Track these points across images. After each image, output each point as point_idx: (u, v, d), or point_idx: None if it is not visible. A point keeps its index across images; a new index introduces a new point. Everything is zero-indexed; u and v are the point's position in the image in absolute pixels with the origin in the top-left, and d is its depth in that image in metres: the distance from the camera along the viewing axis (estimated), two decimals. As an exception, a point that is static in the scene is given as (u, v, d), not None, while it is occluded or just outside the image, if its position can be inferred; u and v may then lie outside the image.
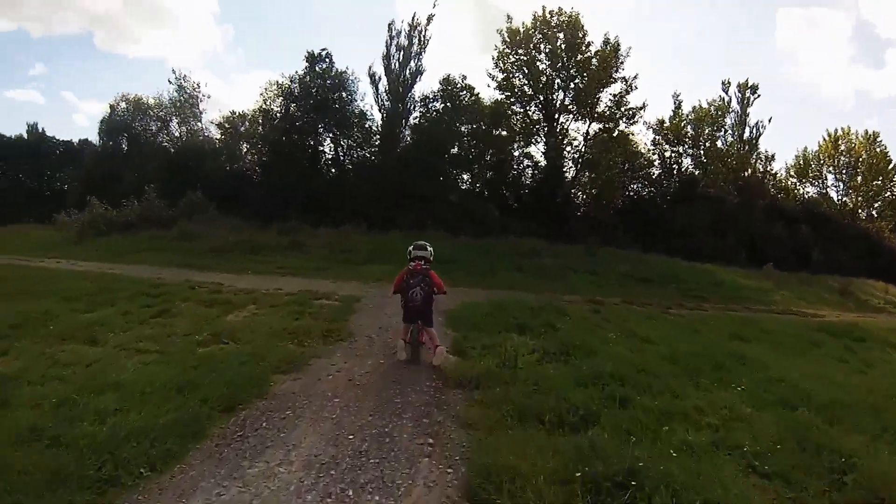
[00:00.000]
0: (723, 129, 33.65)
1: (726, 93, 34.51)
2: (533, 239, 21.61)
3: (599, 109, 29.76)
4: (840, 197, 37.58)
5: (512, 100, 30.18)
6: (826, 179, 37.96)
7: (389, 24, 29.72)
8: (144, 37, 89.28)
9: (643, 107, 30.17)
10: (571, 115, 29.99)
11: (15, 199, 35.81)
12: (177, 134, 32.52)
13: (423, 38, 29.66)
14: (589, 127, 30.08)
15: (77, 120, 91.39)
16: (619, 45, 29.50)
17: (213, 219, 22.34)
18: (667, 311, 12.81)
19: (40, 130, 41.95)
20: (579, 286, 15.27)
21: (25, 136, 41.49)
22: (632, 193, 31.92)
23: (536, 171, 30.35)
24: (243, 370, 5.83)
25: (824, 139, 37.95)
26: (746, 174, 33.66)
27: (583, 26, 29.42)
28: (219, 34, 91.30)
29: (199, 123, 32.30)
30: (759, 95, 34.65)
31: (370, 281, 13.57)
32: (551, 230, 24.48)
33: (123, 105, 32.55)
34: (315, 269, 15.39)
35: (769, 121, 35.00)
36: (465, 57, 69.93)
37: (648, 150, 32.87)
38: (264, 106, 29.40)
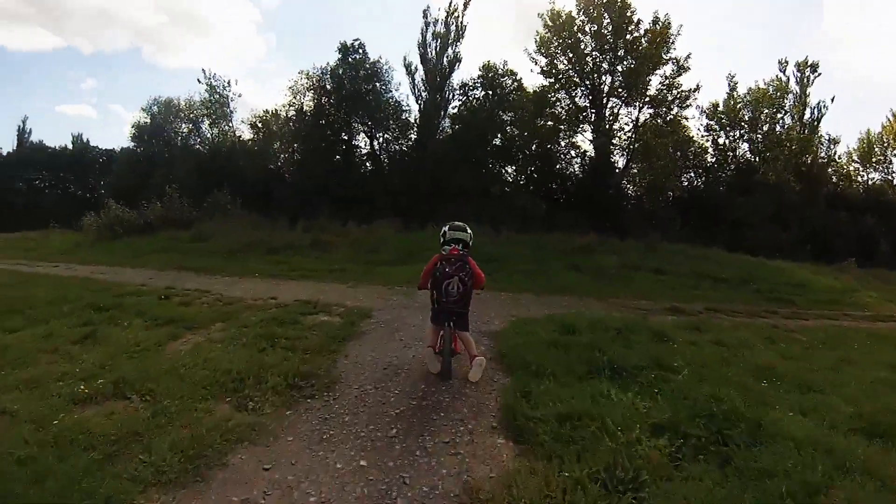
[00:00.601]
0: (782, 112, 30.58)
1: (783, 73, 31.75)
2: (586, 233, 19.25)
3: (650, 93, 27.07)
4: (909, 183, 33.66)
5: (557, 86, 27.70)
6: (892, 164, 34.03)
7: (425, 11, 27.91)
8: (189, 46, 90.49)
9: (697, 88, 27.38)
10: (620, 101, 27.30)
11: (62, 206, 36.54)
12: (208, 135, 31.05)
13: (460, 25, 27.69)
14: (640, 112, 27.40)
15: (126, 132, 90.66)
16: (669, 23, 26.80)
17: (236, 218, 21.04)
18: (770, 324, 10.33)
19: (85, 141, 44.70)
20: (648, 289, 13.09)
21: (70, 146, 44.15)
22: (685, 183, 29.15)
23: (585, 162, 27.93)
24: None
25: (889, 120, 34.28)
26: (808, 160, 30.61)
27: (630, 4, 26.70)
28: (261, 42, 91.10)
29: (229, 123, 30.67)
30: (819, 74, 31.89)
31: (394, 285, 11.59)
32: (603, 224, 22.27)
33: (155, 109, 31.34)
34: (332, 271, 13.55)
35: (832, 100, 31.56)
36: (503, 46, 67.47)
37: (701, 136, 30.18)
38: (294, 100, 27.60)
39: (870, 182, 33.86)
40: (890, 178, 33.81)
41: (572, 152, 28.23)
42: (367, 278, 12.46)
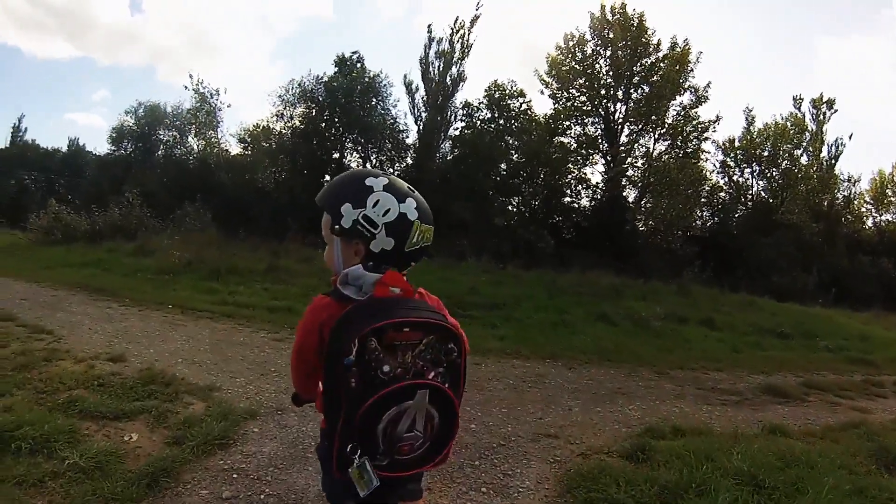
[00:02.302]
0: (800, 149, 27.56)
1: (798, 109, 28.79)
2: (606, 273, 15.88)
3: (667, 123, 23.74)
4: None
5: (567, 112, 24.52)
6: (905, 206, 31.50)
7: (429, 26, 25.02)
8: (203, 71, 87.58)
9: (717, 120, 24.34)
10: (635, 131, 23.88)
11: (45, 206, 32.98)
12: (193, 145, 27.44)
13: (466, 43, 24.45)
14: (655, 143, 24.04)
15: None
16: (689, 48, 23.68)
17: (196, 234, 17.44)
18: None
19: (81, 146, 42.47)
20: (708, 350, 9.84)
21: (65, 149, 42.37)
22: (702, 221, 25.78)
23: (596, 194, 24.50)
24: None
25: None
26: (826, 200, 27.73)
27: (647, 27, 23.65)
28: (274, 69, 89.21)
29: (216, 134, 27.04)
30: (835, 111, 28.89)
31: None
32: (618, 263, 18.64)
33: (141, 112, 27.75)
34: (272, 310, 9.75)
35: (850, 138, 28.53)
36: (510, 69, 64.90)
37: (716, 172, 27.32)
38: (283, 111, 24.05)
39: (882, 224, 30.86)
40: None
41: (582, 184, 25.04)
42: None
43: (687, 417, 5.67)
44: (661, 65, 23.43)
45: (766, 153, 26.81)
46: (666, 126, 23.77)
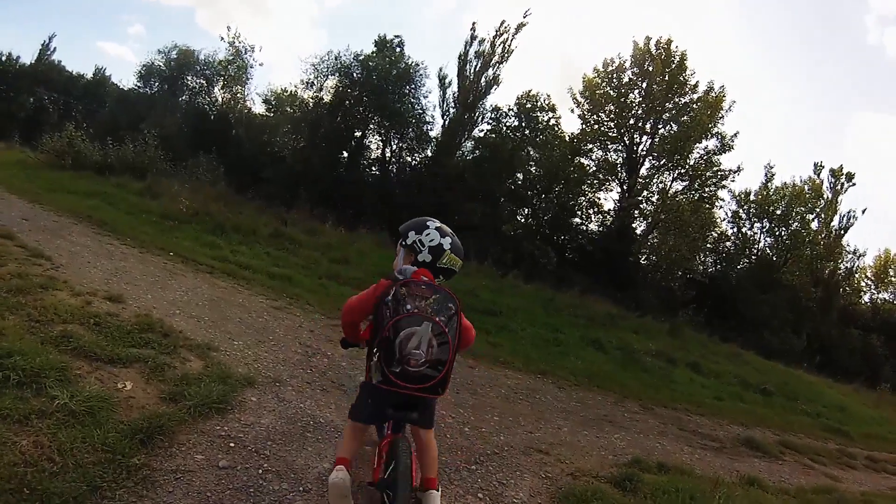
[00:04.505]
0: (813, 214, 27.40)
1: (818, 175, 28.65)
2: (603, 300, 15.88)
3: (688, 165, 23.59)
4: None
5: (592, 135, 24.30)
6: (904, 290, 31.48)
7: (473, 24, 24.60)
8: (243, 25, 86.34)
9: (738, 170, 24.17)
10: (655, 166, 23.81)
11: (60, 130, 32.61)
12: (218, 97, 27.05)
13: (507, 47, 24.10)
14: (673, 182, 23.89)
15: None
16: (724, 96, 23.52)
17: (206, 185, 17.31)
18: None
19: (107, 76, 41.12)
20: (692, 395, 9.79)
21: (90, 76, 41.16)
22: (703, 266, 25.69)
23: (606, 221, 24.23)
24: None
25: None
26: (829, 268, 27.61)
27: (687, 66, 23.48)
28: (312, 37, 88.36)
29: (242, 90, 26.71)
30: (853, 184, 28.78)
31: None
32: (614, 292, 18.50)
33: (173, 55, 27.37)
34: (273, 277, 9.61)
35: (863, 212, 28.41)
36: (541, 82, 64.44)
37: (727, 220, 27.11)
38: (314, 81, 23.72)
39: (879, 301, 30.85)
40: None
41: (593, 208, 24.78)
42: (311, 299, 8.68)
43: (670, 455, 5.70)
44: (694, 106, 23.25)
45: (778, 211, 26.67)
46: (687, 167, 23.60)
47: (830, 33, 78.20)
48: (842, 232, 28.46)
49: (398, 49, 23.96)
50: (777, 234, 26.92)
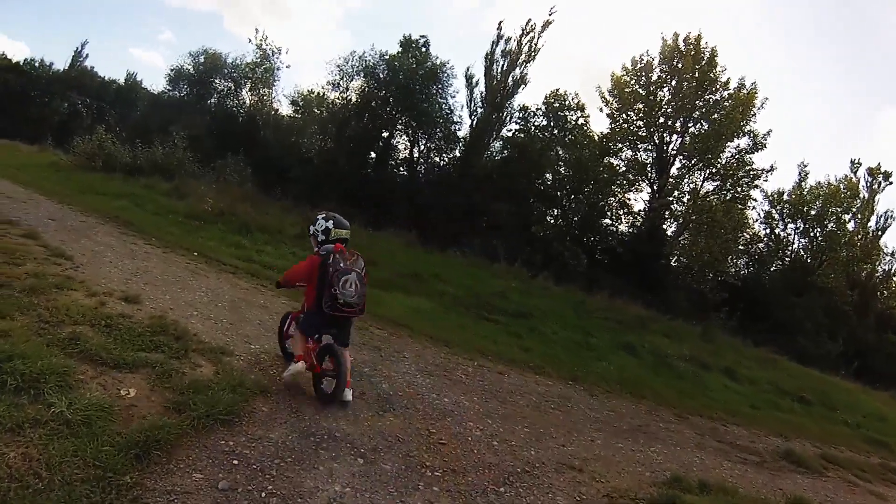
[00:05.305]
0: (849, 214, 26.37)
1: (854, 173, 27.64)
2: (634, 303, 15.67)
3: (720, 164, 22.79)
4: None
5: (621, 135, 23.73)
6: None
7: (500, 23, 24.23)
8: (269, 27, 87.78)
9: (771, 170, 23.25)
10: (686, 166, 23.09)
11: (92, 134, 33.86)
12: (246, 99, 27.13)
13: (534, 46, 23.70)
14: (704, 181, 23.11)
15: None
16: (755, 92, 22.68)
17: (234, 187, 17.36)
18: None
19: (138, 81, 42.81)
20: (728, 402, 9.30)
21: (122, 81, 42.79)
22: (735, 269, 24.92)
23: (635, 222, 23.69)
24: None
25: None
26: (865, 270, 26.63)
27: (717, 62, 22.74)
28: (336, 38, 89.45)
29: (270, 92, 26.74)
30: (891, 183, 27.86)
31: (369, 324, 7.36)
32: (645, 295, 18.02)
33: (202, 59, 27.51)
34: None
35: (902, 213, 27.17)
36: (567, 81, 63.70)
37: (759, 221, 26.27)
38: (340, 82, 23.60)
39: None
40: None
41: (623, 209, 24.13)
42: None
43: (709, 471, 5.35)
44: (726, 104, 22.52)
45: (813, 212, 25.68)
46: (718, 166, 22.85)
47: (862, 27, 76.20)
48: (879, 233, 27.54)
49: (424, 49, 23.81)
50: (812, 235, 25.92)
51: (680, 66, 22.87)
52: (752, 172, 23.14)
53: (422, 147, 24.58)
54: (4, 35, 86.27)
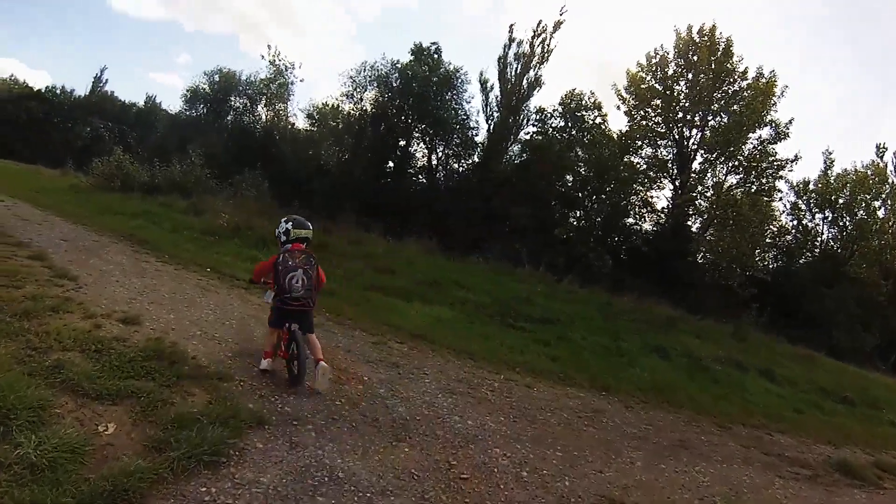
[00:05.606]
0: (879, 201, 25.06)
1: (881, 158, 26.26)
2: (662, 303, 15.05)
3: (742, 157, 21.92)
4: None
5: (640, 132, 22.98)
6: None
7: (511, 26, 23.90)
8: (283, 46, 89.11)
9: (795, 159, 22.26)
10: (708, 160, 22.24)
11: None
12: (262, 115, 27.10)
13: (546, 48, 23.21)
14: (727, 175, 22.25)
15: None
16: (775, 80, 21.80)
17: (252, 201, 17.25)
18: None
19: (157, 103, 44.05)
20: (769, 406, 8.54)
21: (142, 104, 44.11)
22: (763, 263, 23.91)
23: (659, 220, 22.94)
24: None
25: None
26: (896, 258, 25.18)
27: (733, 52, 21.96)
28: (350, 52, 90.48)
29: (285, 106, 26.67)
30: (920, 166, 26.08)
31: (387, 337, 7.00)
32: (673, 294, 17.34)
33: (217, 78, 27.51)
34: None
35: (932, 196, 25.80)
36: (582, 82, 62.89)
37: (786, 212, 25.36)
38: (353, 93, 23.32)
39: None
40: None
41: (646, 207, 23.41)
42: (352, 313, 7.88)
43: (761, 492, 4.82)
44: (745, 94, 21.73)
45: (841, 200, 24.70)
46: (741, 159, 22.02)
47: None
48: (910, 219, 26.08)
49: (436, 56, 23.41)
50: (841, 224, 24.95)
51: (695, 58, 22.21)
52: (775, 163, 22.25)
53: (440, 154, 24.29)
54: (25, 64, 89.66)
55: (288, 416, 3.88)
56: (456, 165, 24.33)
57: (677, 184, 22.68)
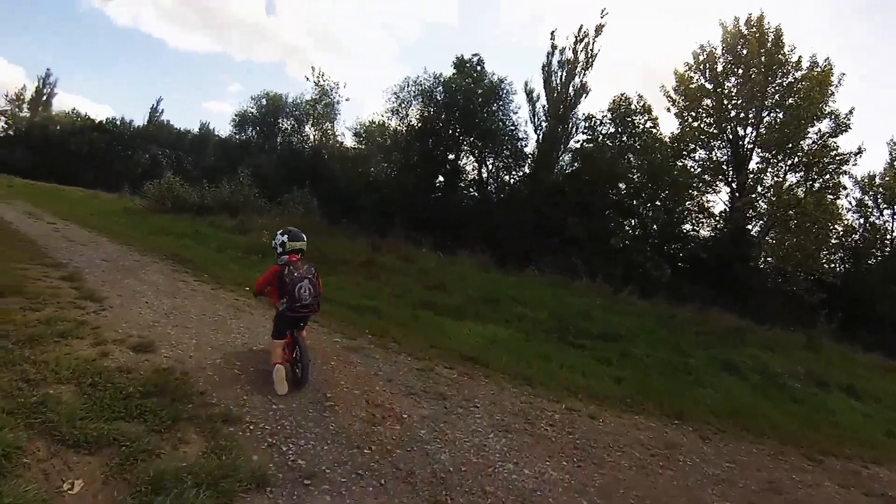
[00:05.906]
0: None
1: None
2: (726, 313, 13.95)
3: (802, 153, 20.30)
4: None
5: (692, 134, 21.74)
6: None
7: (552, 33, 23.11)
8: (328, 68, 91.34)
9: (859, 152, 20.37)
10: (766, 159, 20.77)
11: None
12: (309, 135, 27.22)
13: (590, 53, 22.37)
14: (786, 174, 20.67)
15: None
16: (831, 69, 20.22)
17: (299, 218, 17.06)
18: None
19: (211, 129, 45.34)
20: (857, 430, 7.41)
21: (196, 131, 45.99)
22: (830, 265, 22.00)
23: (717, 225, 21.67)
24: None
25: None
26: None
27: (784, 42, 20.62)
28: (395, 72, 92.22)
29: (332, 126, 26.61)
30: None
31: (437, 361, 6.31)
32: (736, 303, 16.16)
33: (264, 101, 27.86)
34: (356, 309, 8.33)
35: None
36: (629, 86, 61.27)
37: (851, 210, 23.44)
38: (399, 108, 22.95)
39: None
40: None
41: (703, 213, 22.12)
42: (399, 334, 7.19)
43: None
44: (800, 86, 20.24)
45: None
46: (800, 155, 20.46)
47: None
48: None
49: (479, 67, 22.84)
50: (913, 220, 22.76)
51: (745, 52, 20.85)
52: (838, 157, 20.43)
53: (490, 166, 23.72)
54: (88, 99, 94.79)
55: (299, 473, 3.18)
56: (507, 177, 23.71)
57: (734, 186, 21.30)
